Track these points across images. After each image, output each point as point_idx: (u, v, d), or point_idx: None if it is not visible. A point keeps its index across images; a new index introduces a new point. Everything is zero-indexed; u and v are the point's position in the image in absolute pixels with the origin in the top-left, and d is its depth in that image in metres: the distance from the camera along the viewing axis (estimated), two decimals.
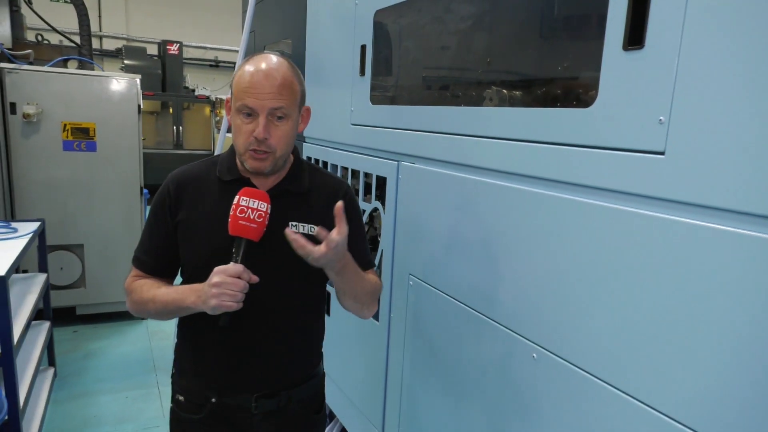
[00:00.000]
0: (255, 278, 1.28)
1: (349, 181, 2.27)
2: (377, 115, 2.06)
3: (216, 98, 12.26)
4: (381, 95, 2.09)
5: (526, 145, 1.34)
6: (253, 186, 1.39)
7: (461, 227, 1.61)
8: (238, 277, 1.25)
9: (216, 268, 1.27)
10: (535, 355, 1.31)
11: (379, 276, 1.78)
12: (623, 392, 1.09)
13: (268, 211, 1.30)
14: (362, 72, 2.14)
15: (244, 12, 3.22)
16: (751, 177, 0.88)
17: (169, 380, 1.58)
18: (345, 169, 2.32)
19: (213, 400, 1.46)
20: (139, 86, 4.40)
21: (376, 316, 2.08)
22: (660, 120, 1.01)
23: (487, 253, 1.49)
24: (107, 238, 4.44)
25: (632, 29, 1.05)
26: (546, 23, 1.48)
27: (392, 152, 1.96)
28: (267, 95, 1.30)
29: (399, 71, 2.11)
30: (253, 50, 3.13)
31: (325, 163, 2.52)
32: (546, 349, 1.28)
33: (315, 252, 1.23)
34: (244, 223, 1.28)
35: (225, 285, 1.24)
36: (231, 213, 1.28)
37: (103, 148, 4.33)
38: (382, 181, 2.03)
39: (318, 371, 1.60)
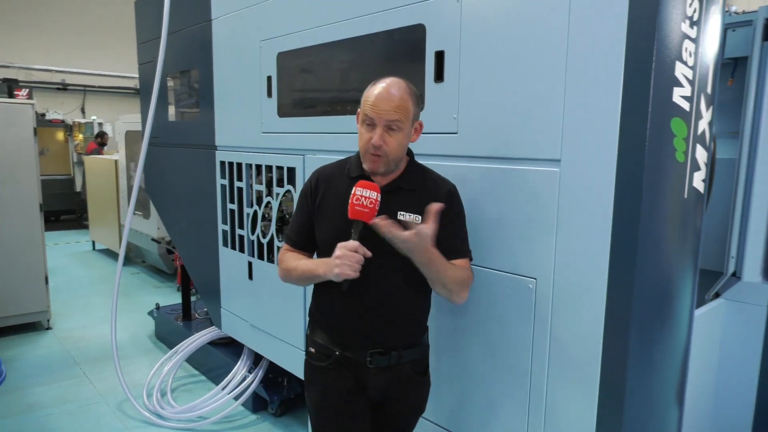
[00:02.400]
0: (368, 253, 1.60)
1: (263, 175, 3.08)
2: (284, 124, 2.91)
3: (73, 122, 11.94)
4: (286, 110, 2.94)
5: None
6: (373, 182, 1.69)
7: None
8: (355, 251, 1.59)
9: (339, 244, 1.61)
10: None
11: None
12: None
13: (378, 199, 1.61)
14: (269, 95, 2.98)
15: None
16: (493, 140, 1.90)
17: (96, 370, 2.13)
18: (259, 166, 3.13)
19: (337, 353, 1.79)
20: (34, 110, 4.75)
21: None
22: (454, 117, 2.02)
23: None
24: (9, 253, 4.68)
25: (437, 72, 2.05)
26: (393, 66, 2.46)
27: (298, 149, 2.83)
28: (385, 111, 1.63)
29: (298, 93, 2.98)
30: (162, 77, 3.73)
31: (239, 164, 3.29)
32: None
33: (400, 236, 1.54)
34: (359, 208, 1.60)
35: (345, 257, 1.59)
36: (350, 201, 1.61)
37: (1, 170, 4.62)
38: (292, 171, 2.88)
39: (423, 340, 1.89)
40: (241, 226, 3.33)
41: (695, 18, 1.54)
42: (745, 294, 2.76)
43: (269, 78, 2.97)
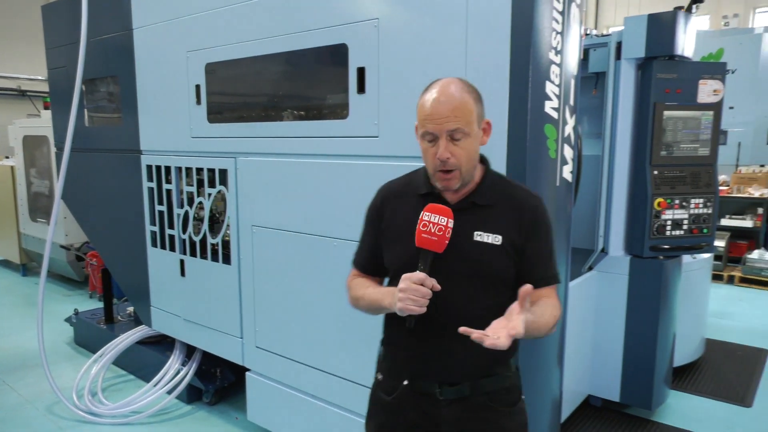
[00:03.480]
0: (437, 287, 1.41)
1: (194, 178, 3.28)
2: (214, 130, 3.13)
3: None
4: (216, 117, 3.16)
5: (313, 140, 2.63)
6: (444, 199, 1.53)
7: (282, 188, 2.81)
8: (421, 285, 1.39)
9: (403, 276, 1.42)
10: (335, 243, 2.59)
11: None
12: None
13: (449, 225, 1.42)
14: (198, 102, 3.18)
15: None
16: (409, 142, 2.29)
17: (17, 378, 2.20)
18: (189, 168, 3.32)
19: (405, 382, 1.61)
20: None
21: (227, 260, 3.15)
22: (375, 123, 2.38)
23: (301, 194, 2.73)
24: None
25: (359, 85, 2.41)
26: (320, 78, 2.79)
27: (229, 152, 3.06)
28: (444, 119, 1.42)
29: (229, 101, 3.21)
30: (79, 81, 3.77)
31: (168, 167, 3.45)
32: (343, 239, 2.58)
33: (492, 343, 1.29)
34: (426, 236, 1.42)
35: (409, 291, 1.39)
36: (417, 227, 1.43)
37: None
38: (224, 172, 3.11)
39: (506, 368, 1.63)
40: (172, 227, 3.49)
41: (558, 48, 2.02)
42: (611, 266, 3.37)
43: (198, 86, 3.17)
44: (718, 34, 7.76)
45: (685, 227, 3.25)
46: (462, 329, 1.33)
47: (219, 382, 3.62)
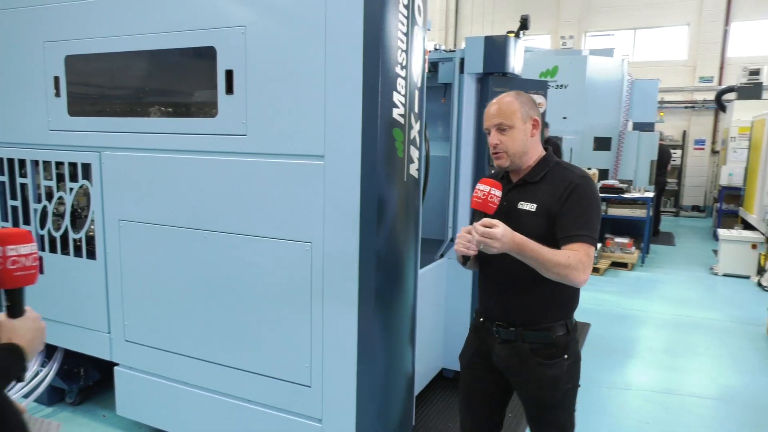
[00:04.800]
0: (477, 236, 1.81)
1: (53, 172, 3.20)
2: (76, 123, 3.09)
3: None
4: (78, 110, 3.11)
5: (183, 136, 2.74)
6: (510, 179, 2.07)
7: (152, 183, 2.88)
8: (468, 233, 1.85)
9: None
10: (206, 235, 2.73)
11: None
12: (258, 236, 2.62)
13: (492, 192, 1.89)
14: (57, 94, 3.12)
15: None
16: (275, 140, 2.51)
17: None
18: (47, 162, 3.22)
19: (481, 320, 2.13)
20: None
21: (92, 255, 3.12)
22: (243, 122, 2.57)
23: (172, 189, 2.82)
24: None
25: (227, 87, 2.57)
26: (189, 77, 2.90)
27: (93, 147, 3.05)
28: (492, 117, 1.99)
29: (93, 94, 3.17)
30: None
31: (22, 161, 3.31)
32: (215, 231, 2.72)
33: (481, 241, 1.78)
34: (476, 200, 1.91)
35: (459, 237, 1.90)
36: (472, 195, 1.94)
37: None
38: (87, 167, 3.08)
39: (552, 328, 1.98)
40: (28, 222, 3.36)
41: (404, 63, 2.36)
42: None
43: (56, 78, 3.10)
44: (554, 54, 8.87)
45: None
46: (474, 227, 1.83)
47: (83, 381, 3.54)
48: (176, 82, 2.99)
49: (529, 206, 1.96)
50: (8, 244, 1.21)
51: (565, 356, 2.01)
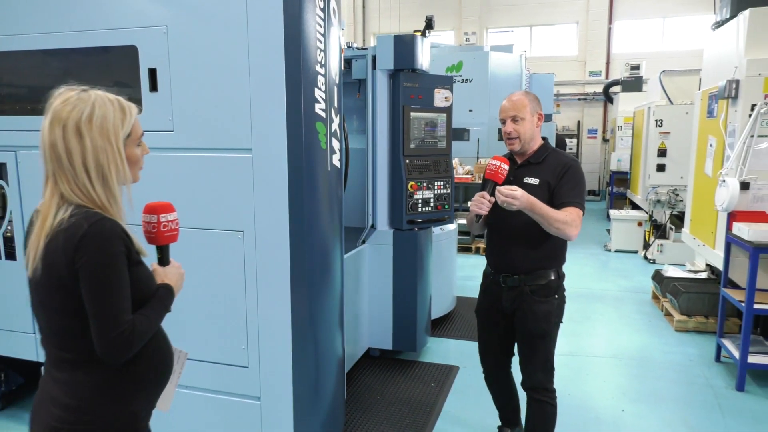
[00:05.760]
0: (490, 199, 2.40)
1: None
2: None
3: None
4: None
5: None
6: (515, 160, 2.61)
7: None
8: (482, 198, 2.40)
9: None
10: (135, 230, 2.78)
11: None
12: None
13: (501, 166, 2.42)
14: None
15: None
16: (203, 135, 2.62)
17: None
18: None
19: (491, 272, 2.68)
20: None
21: (11, 256, 3.07)
22: (169, 119, 2.66)
23: None
24: None
25: (151, 85, 2.65)
26: (112, 76, 2.92)
27: (8, 146, 2.99)
28: (507, 109, 2.54)
29: (8, 92, 3.10)
30: None
31: None
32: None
33: (506, 194, 2.31)
34: (488, 171, 2.46)
35: (475, 200, 2.43)
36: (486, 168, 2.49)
37: None
38: (2, 166, 3.01)
39: (547, 275, 2.54)
40: None
41: (322, 62, 2.56)
42: (379, 239, 4.10)
43: None
44: (459, 50, 9.37)
45: (431, 204, 4.12)
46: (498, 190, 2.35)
47: (4, 385, 3.45)
48: (97, 80, 2.98)
49: (533, 180, 2.51)
50: (161, 213, 1.62)
51: (555, 296, 2.58)
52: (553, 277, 2.56)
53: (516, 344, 2.71)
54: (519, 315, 2.59)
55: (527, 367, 2.64)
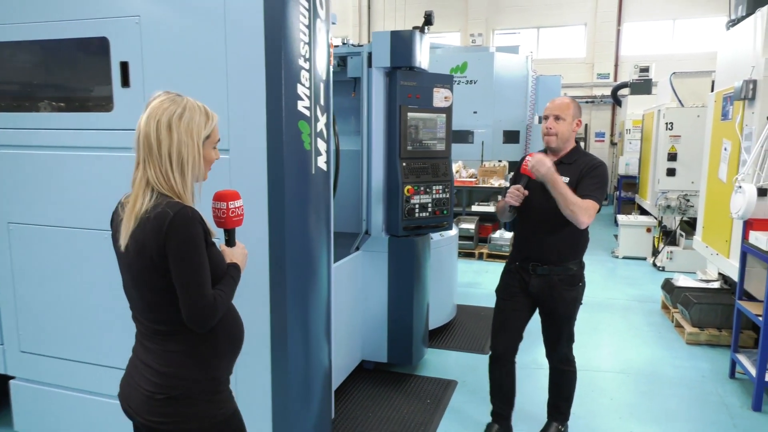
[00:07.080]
0: (525, 192, 2.71)
1: None
2: None
3: None
4: None
5: (77, 132, 2.60)
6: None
7: (44, 182, 2.71)
8: (517, 190, 2.72)
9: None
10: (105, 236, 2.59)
11: None
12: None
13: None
14: None
15: None
16: None
17: None
18: None
19: (517, 262, 2.92)
20: None
21: None
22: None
23: (67, 187, 2.67)
24: None
25: (123, 79, 2.47)
26: (83, 70, 2.74)
27: None
28: (552, 108, 2.79)
29: None
30: None
31: None
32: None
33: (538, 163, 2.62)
34: (524, 166, 2.67)
35: (510, 192, 2.75)
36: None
37: None
38: None
39: (573, 266, 2.81)
40: None
41: (307, 56, 2.37)
42: (374, 245, 3.89)
43: None
44: (464, 50, 9.16)
45: (429, 209, 3.91)
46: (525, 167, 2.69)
47: None
48: (69, 76, 2.82)
49: (564, 179, 2.67)
50: (230, 200, 1.77)
51: (580, 284, 2.89)
52: (577, 268, 2.86)
53: (541, 323, 2.99)
54: (548, 301, 2.86)
55: (555, 344, 2.98)
